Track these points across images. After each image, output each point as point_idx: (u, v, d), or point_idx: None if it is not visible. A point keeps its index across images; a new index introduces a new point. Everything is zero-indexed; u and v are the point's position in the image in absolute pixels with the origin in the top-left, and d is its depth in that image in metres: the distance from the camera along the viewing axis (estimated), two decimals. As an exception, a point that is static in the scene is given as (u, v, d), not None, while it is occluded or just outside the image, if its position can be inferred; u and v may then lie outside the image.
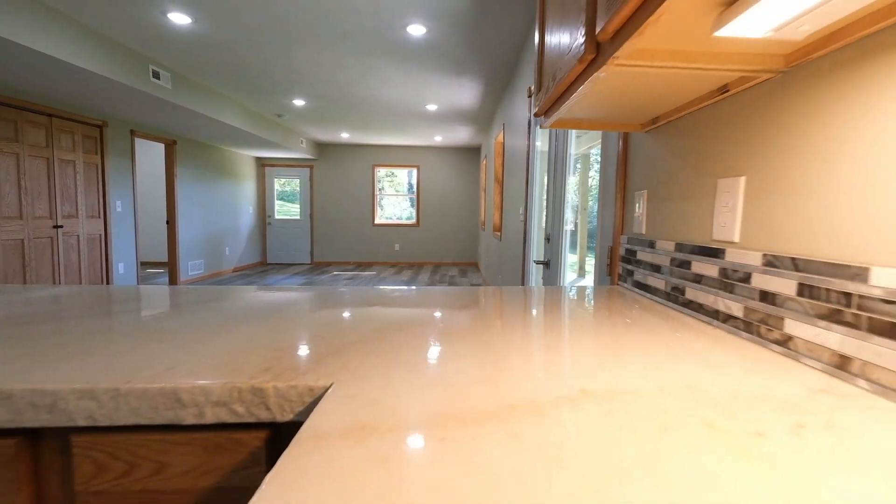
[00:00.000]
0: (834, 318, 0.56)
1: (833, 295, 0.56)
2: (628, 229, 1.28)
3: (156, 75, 3.99)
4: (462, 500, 0.31)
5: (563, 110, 0.94)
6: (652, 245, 1.09)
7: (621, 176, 1.32)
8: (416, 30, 3.27)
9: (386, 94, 5.08)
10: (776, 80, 0.69)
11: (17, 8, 2.71)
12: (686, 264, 0.93)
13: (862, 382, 0.52)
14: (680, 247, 0.95)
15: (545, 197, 2.59)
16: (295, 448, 0.37)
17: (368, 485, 0.33)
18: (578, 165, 2.52)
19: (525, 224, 3.22)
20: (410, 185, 9.15)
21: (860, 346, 0.53)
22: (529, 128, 3.13)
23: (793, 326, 0.63)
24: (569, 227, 2.37)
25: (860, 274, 0.53)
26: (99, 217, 4.87)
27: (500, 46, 3.60)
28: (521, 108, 3.54)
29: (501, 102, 5.06)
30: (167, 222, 6.06)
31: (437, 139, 7.97)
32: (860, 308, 0.53)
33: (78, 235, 4.62)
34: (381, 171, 9.00)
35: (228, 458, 0.53)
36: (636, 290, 1.16)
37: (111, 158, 4.97)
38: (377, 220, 8.97)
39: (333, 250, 8.92)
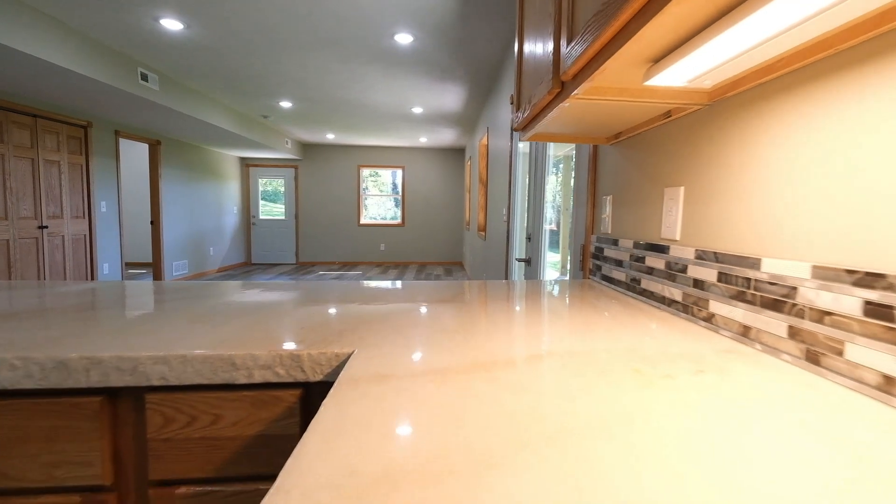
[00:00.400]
0: (740, 297, 0.73)
1: (739, 280, 0.73)
2: (597, 229, 1.45)
3: (143, 77, 4.03)
4: (457, 412, 0.46)
5: (539, 127, 1.10)
6: (616, 243, 1.26)
7: (591, 182, 1.49)
8: (403, 38, 3.41)
9: (372, 98, 5.20)
10: (704, 110, 0.86)
11: (5, 11, 2.75)
12: (641, 259, 1.10)
13: (757, 345, 0.69)
14: (637, 244, 1.12)
15: (527, 197, 2.76)
16: (338, 387, 0.52)
17: (393, 404, 0.47)
18: (561, 167, 2.69)
19: (508, 224, 3.40)
20: (394, 185, 9.27)
21: (755, 318, 0.70)
22: (512, 131, 3.30)
23: (714, 306, 0.80)
24: (550, 226, 2.54)
25: (755, 263, 0.70)
26: (84, 217, 4.87)
27: (483, 54, 3.77)
28: (505, 112, 3.71)
29: (485, 106, 5.23)
30: (151, 222, 6.06)
31: (423, 140, 8.12)
32: (755, 289, 0.70)
33: (63, 236, 4.61)
34: (364, 171, 9.09)
35: (270, 412, 0.67)
36: (604, 282, 1.33)
37: (96, 159, 4.97)
38: (362, 221, 9.06)
39: (318, 250, 8.98)
